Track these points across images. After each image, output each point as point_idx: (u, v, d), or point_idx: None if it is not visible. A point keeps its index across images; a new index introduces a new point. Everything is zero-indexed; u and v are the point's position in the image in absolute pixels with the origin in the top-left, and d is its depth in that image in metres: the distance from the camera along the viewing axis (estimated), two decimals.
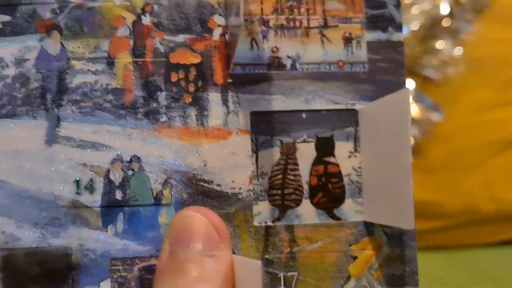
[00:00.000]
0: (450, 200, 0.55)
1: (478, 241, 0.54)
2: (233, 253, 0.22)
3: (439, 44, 0.54)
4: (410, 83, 0.53)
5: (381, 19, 0.24)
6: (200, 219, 0.20)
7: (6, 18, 0.22)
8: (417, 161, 0.53)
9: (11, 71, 0.22)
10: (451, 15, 0.52)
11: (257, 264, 0.18)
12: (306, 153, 0.23)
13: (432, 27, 0.52)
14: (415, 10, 0.52)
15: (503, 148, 0.56)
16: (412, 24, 0.52)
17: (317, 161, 0.23)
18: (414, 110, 0.53)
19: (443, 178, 0.55)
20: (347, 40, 0.24)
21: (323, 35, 0.23)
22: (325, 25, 0.24)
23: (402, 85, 0.23)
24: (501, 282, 0.46)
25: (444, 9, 0.52)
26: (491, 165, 0.56)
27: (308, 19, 0.23)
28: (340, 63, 0.23)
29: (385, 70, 0.23)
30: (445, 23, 0.52)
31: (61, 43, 0.22)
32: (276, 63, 0.23)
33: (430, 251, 0.53)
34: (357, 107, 0.23)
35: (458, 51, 0.54)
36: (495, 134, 0.56)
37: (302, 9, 0.23)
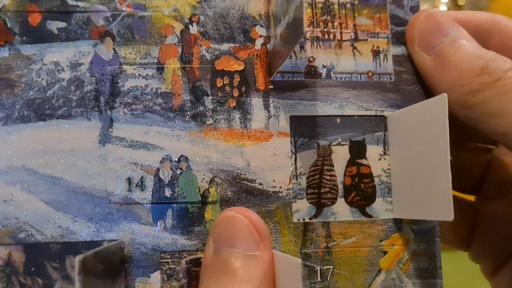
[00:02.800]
0: None
1: None
2: (274, 248, 0.23)
3: None
4: None
5: (404, 35, 0.26)
6: (242, 221, 0.21)
7: (62, 24, 0.23)
8: None
9: (66, 75, 0.23)
10: None
11: (297, 262, 0.19)
12: (340, 155, 0.25)
13: None
14: None
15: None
16: None
17: (351, 162, 0.25)
18: None
19: None
20: (375, 53, 0.26)
21: (354, 48, 0.26)
22: (356, 39, 0.26)
23: (423, 94, 0.26)
24: None
25: None
26: None
27: (341, 33, 0.26)
28: (370, 73, 0.26)
29: (409, 81, 0.26)
30: None
31: (113, 49, 0.24)
32: (312, 72, 0.25)
33: None
34: (385, 113, 0.25)
35: None
36: None
37: (336, 23, 0.26)
